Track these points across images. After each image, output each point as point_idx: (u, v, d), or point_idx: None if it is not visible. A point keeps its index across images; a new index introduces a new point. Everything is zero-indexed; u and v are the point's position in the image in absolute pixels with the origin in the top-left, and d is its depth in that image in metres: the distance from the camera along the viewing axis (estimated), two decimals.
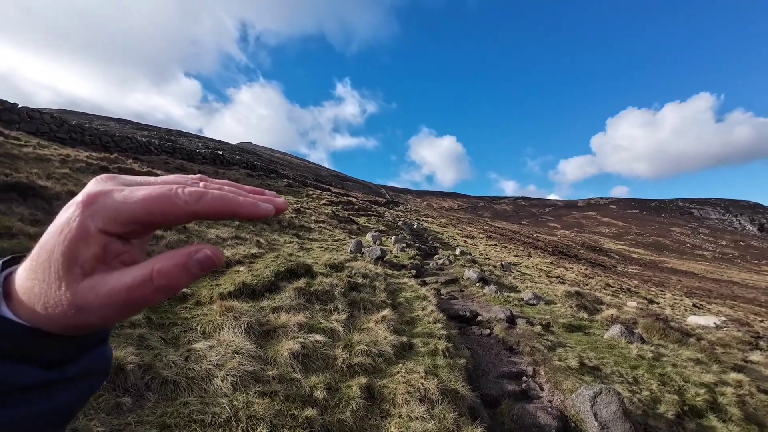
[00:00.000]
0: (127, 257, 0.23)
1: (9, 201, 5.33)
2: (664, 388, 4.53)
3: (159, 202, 0.22)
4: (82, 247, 0.21)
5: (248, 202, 0.25)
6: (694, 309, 16.77)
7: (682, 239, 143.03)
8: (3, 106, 14.97)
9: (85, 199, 0.22)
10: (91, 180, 0.24)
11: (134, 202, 0.22)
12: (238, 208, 0.24)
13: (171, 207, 0.22)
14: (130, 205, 0.22)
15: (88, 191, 0.22)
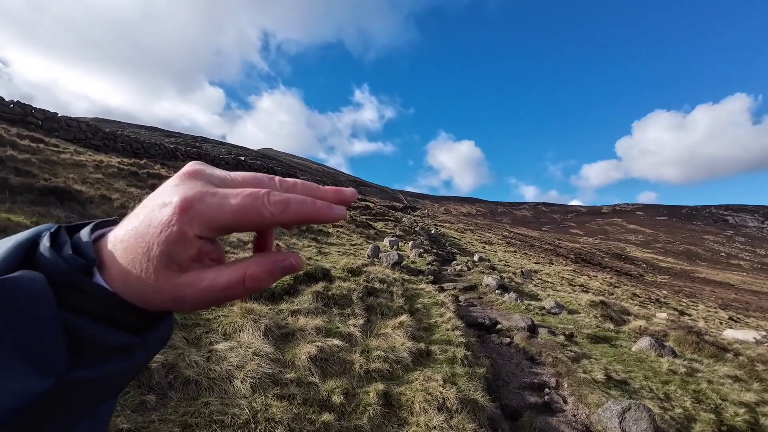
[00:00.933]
0: (214, 255, 0.26)
1: (48, 204, 5.66)
2: (699, 406, 4.26)
3: (249, 213, 0.24)
4: (181, 249, 0.24)
5: (325, 206, 0.27)
6: (731, 322, 15.79)
7: (715, 248, 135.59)
8: (45, 115, 15.98)
9: (183, 203, 0.24)
10: (184, 170, 0.27)
11: (226, 213, 0.24)
12: (317, 215, 0.27)
13: (258, 218, 0.25)
14: (223, 215, 0.24)
15: (184, 195, 0.24)
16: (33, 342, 0.21)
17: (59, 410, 0.23)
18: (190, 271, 0.25)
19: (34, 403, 0.21)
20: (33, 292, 0.22)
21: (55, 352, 0.22)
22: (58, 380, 0.21)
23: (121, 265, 0.24)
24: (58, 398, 0.22)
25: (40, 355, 0.21)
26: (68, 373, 0.22)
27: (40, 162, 8.35)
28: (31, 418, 0.21)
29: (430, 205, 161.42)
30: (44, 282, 0.22)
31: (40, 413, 0.21)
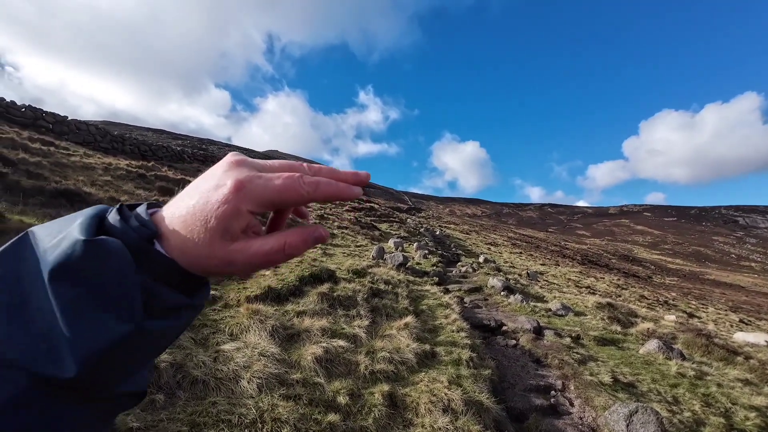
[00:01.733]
0: (257, 228, 0.32)
1: (58, 206, 5.76)
2: (709, 409, 4.20)
3: (289, 191, 0.30)
4: (234, 222, 0.29)
5: (345, 187, 0.34)
6: (741, 325, 15.52)
7: (725, 249, 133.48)
8: (55, 119, 16.26)
9: (237, 184, 0.29)
10: (229, 160, 0.32)
11: (271, 192, 0.30)
12: (340, 193, 0.33)
13: (297, 195, 0.30)
14: (268, 193, 0.30)
15: (237, 177, 0.29)
16: (120, 294, 0.25)
17: (131, 354, 0.27)
18: (239, 240, 0.29)
19: (117, 343, 0.25)
20: (118, 253, 0.26)
21: (134, 304, 0.26)
22: (135, 327, 0.26)
23: (180, 235, 0.29)
24: (132, 343, 0.26)
25: (123, 306, 0.25)
26: (142, 323, 0.26)
27: (50, 165, 8.50)
28: (113, 356, 0.25)
29: (435, 206, 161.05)
30: (124, 246, 0.27)
31: (119, 354, 0.26)
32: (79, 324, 0.24)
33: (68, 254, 0.25)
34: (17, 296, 0.25)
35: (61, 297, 0.24)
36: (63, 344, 0.24)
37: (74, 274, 0.25)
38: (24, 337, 0.24)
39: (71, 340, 0.24)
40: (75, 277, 0.25)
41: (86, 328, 0.24)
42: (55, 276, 0.25)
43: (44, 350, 0.24)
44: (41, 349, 0.24)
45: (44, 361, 0.24)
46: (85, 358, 0.24)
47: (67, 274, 0.25)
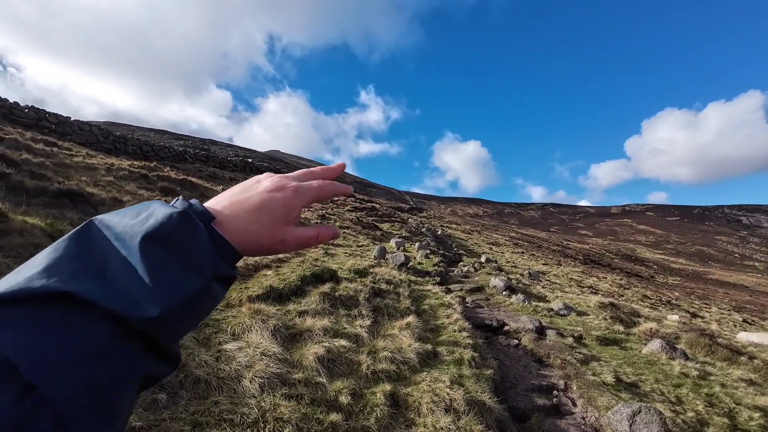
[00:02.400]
0: (299, 219, 0.43)
1: (61, 207, 5.78)
2: (712, 409, 4.18)
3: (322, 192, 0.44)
4: (291, 214, 0.41)
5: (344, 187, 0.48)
6: (745, 325, 15.43)
7: (729, 249, 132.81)
8: (58, 119, 16.33)
9: (295, 187, 0.42)
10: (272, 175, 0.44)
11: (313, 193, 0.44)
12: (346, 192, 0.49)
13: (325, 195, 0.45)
14: (312, 194, 0.43)
15: (294, 185, 0.42)
16: (199, 258, 0.32)
17: (196, 310, 0.32)
18: (291, 226, 0.41)
19: (194, 295, 0.31)
20: (200, 226, 0.34)
21: (208, 267, 0.33)
22: (207, 283, 0.32)
23: (243, 220, 0.38)
24: (200, 299, 0.32)
25: (201, 267, 0.32)
26: (210, 282, 0.33)
27: (53, 165, 8.54)
28: (187, 307, 0.30)
29: (437, 206, 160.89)
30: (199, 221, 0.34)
31: (191, 306, 0.31)
32: (165, 278, 0.29)
33: (163, 223, 0.31)
34: (93, 266, 0.29)
35: (151, 257, 0.30)
36: (145, 295, 0.28)
37: (165, 239, 0.31)
38: (110, 290, 0.28)
39: (155, 291, 0.29)
40: (166, 241, 0.31)
41: (171, 282, 0.30)
42: (149, 240, 0.30)
43: (128, 300, 0.28)
44: (125, 299, 0.28)
45: (129, 307, 0.27)
46: (168, 303, 0.29)
47: (159, 239, 0.31)
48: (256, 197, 0.40)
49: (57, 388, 0.23)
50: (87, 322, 0.26)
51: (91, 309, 0.26)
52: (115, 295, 0.27)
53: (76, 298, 0.26)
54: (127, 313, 0.27)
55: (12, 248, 3.81)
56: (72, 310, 0.26)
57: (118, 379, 0.27)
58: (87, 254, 0.29)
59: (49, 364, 0.23)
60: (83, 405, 0.24)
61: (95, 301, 0.26)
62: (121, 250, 0.30)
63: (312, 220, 13.28)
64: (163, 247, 0.30)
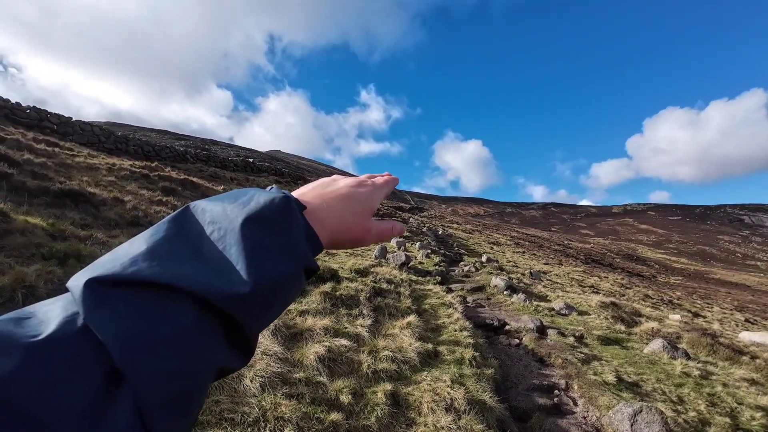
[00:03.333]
0: None
1: (63, 207, 5.80)
2: (714, 409, 4.17)
3: (389, 187, 0.51)
4: (374, 206, 0.46)
5: (395, 179, 0.54)
6: (747, 324, 15.39)
7: (731, 248, 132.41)
8: (59, 120, 16.38)
9: (375, 184, 0.48)
10: (353, 177, 0.49)
11: (388, 186, 0.50)
12: (396, 183, 0.53)
13: (390, 190, 0.50)
14: (387, 187, 0.50)
15: (371, 181, 0.49)
16: (295, 244, 0.33)
17: (283, 296, 0.32)
18: (372, 219, 0.45)
19: (284, 279, 0.31)
20: (298, 213, 0.35)
21: (301, 254, 0.34)
22: (297, 270, 0.33)
23: (335, 210, 0.41)
24: (289, 285, 0.32)
25: (295, 253, 0.33)
26: (301, 270, 0.33)
27: (55, 165, 8.56)
28: (275, 291, 0.31)
29: (438, 205, 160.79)
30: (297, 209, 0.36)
31: (279, 290, 0.31)
32: (260, 259, 0.30)
33: (266, 206, 0.33)
34: (189, 248, 0.30)
35: (250, 238, 0.30)
36: (238, 273, 0.28)
37: (266, 223, 0.32)
38: (201, 271, 0.28)
39: (249, 269, 0.29)
40: (266, 224, 0.32)
41: (266, 263, 0.30)
42: (250, 221, 0.31)
43: (220, 279, 0.28)
44: (218, 278, 0.28)
45: (221, 284, 0.27)
46: (260, 281, 0.29)
47: (259, 221, 0.32)
48: (344, 189, 0.44)
49: (141, 373, 0.23)
50: (176, 307, 0.26)
51: (181, 294, 0.26)
52: (208, 276, 0.28)
53: (169, 285, 0.26)
54: (218, 290, 0.27)
55: (14, 248, 3.82)
56: (164, 295, 0.26)
57: (199, 369, 0.27)
58: (183, 236, 0.30)
59: (136, 349, 0.23)
60: (164, 395, 0.24)
61: (185, 287, 0.26)
62: (216, 232, 0.31)
63: None
64: (263, 229, 0.31)
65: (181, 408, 0.25)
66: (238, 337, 0.30)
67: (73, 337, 0.23)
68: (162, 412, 0.24)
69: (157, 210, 7.45)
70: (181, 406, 0.25)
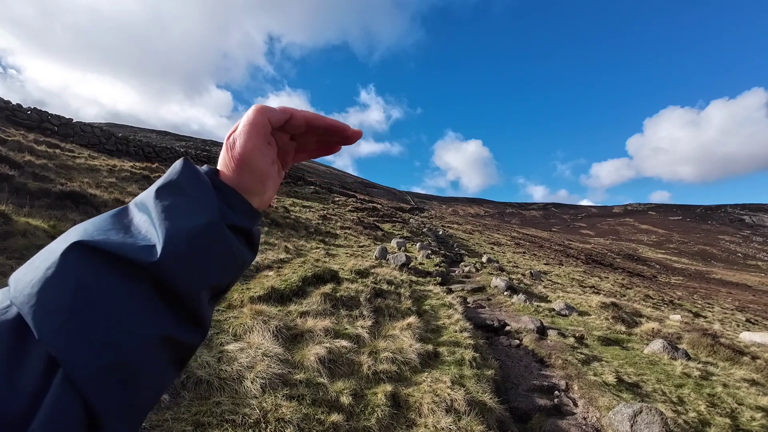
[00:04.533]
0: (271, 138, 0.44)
1: (64, 208, 5.81)
2: (714, 409, 4.17)
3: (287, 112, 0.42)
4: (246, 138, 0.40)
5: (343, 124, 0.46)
6: (748, 324, 15.36)
7: (732, 248, 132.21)
8: (60, 121, 16.40)
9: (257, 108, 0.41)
10: None
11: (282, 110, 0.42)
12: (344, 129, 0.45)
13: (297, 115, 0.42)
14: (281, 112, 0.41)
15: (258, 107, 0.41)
16: (204, 199, 0.35)
17: (208, 248, 0.33)
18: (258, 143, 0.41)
19: (199, 230, 0.33)
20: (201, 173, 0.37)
21: (214, 206, 0.35)
22: (210, 220, 0.34)
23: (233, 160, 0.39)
24: (207, 235, 0.33)
25: (207, 207, 0.34)
26: (216, 220, 0.34)
27: (56, 167, 8.58)
28: (196, 244, 0.32)
29: (438, 206, 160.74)
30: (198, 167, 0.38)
31: (201, 242, 0.33)
32: (170, 218, 0.32)
33: (171, 174, 0.35)
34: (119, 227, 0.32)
35: (162, 204, 0.33)
36: (155, 236, 0.31)
37: (173, 186, 0.35)
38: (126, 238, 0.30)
39: (162, 230, 0.31)
40: (173, 187, 0.35)
41: (175, 220, 0.32)
42: (161, 189, 0.34)
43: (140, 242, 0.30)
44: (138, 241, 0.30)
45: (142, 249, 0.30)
46: (173, 237, 0.31)
47: (168, 187, 0.34)
48: (228, 141, 0.40)
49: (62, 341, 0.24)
50: (104, 272, 0.27)
51: (107, 258, 0.28)
52: (131, 240, 0.30)
53: (95, 248, 0.28)
54: (138, 252, 0.29)
55: (16, 249, 3.83)
56: (91, 260, 0.27)
57: (131, 336, 0.26)
58: (115, 222, 0.33)
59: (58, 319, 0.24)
60: (93, 367, 0.24)
61: (107, 248, 0.28)
62: (142, 212, 0.34)
63: (313, 220, 13.30)
64: (171, 193, 0.34)
65: (121, 379, 0.25)
66: (174, 299, 0.30)
67: (4, 329, 0.24)
68: (97, 385, 0.24)
69: None
70: (120, 376, 0.25)
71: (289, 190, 22.99)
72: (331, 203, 21.94)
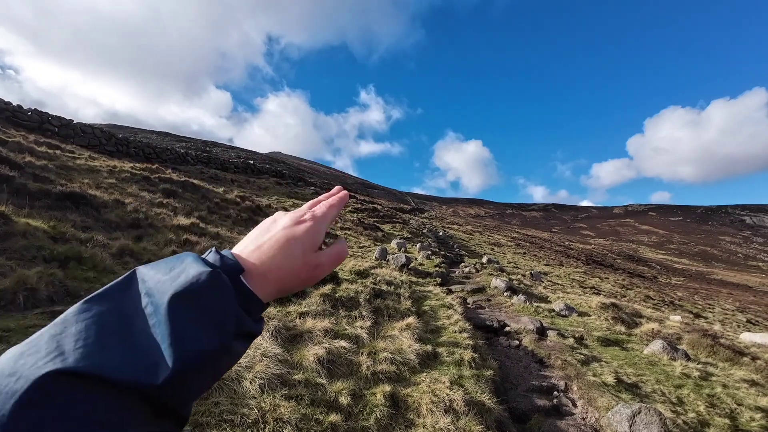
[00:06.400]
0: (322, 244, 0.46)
1: (64, 209, 5.83)
2: (713, 410, 4.17)
3: (338, 207, 0.49)
4: (318, 239, 0.44)
5: (344, 195, 0.52)
6: (749, 325, 15.36)
7: (732, 249, 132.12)
8: (60, 122, 16.43)
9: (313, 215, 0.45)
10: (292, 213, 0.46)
11: (332, 210, 0.48)
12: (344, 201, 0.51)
13: (340, 207, 0.49)
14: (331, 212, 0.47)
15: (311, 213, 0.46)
16: (223, 318, 0.32)
17: (212, 369, 0.31)
18: (318, 251, 0.43)
19: (210, 353, 0.30)
20: (227, 285, 0.34)
21: (230, 327, 0.32)
22: (223, 343, 0.31)
23: (275, 260, 0.39)
24: (217, 358, 0.31)
25: (223, 327, 0.32)
26: (231, 342, 0.32)
27: (56, 168, 8.60)
28: (202, 366, 0.30)
29: (438, 207, 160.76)
30: (227, 279, 0.34)
31: (206, 365, 0.30)
32: (182, 338, 0.29)
33: (193, 282, 0.32)
34: (121, 326, 0.29)
35: (174, 317, 0.30)
36: (161, 356, 0.28)
37: (192, 298, 0.31)
38: (127, 356, 0.28)
39: (171, 350, 0.28)
40: (192, 300, 0.31)
41: (187, 341, 0.29)
42: (177, 298, 0.31)
43: (144, 365, 0.28)
44: (142, 364, 0.28)
45: (143, 372, 0.27)
46: (181, 362, 0.28)
47: (186, 298, 0.31)
48: (280, 233, 0.41)
49: None
50: (96, 394, 0.26)
51: (101, 381, 0.26)
52: (131, 362, 0.27)
53: (91, 375, 0.26)
54: (139, 379, 0.27)
55: (16, 250, 3.84)
56: (84, 384, 0.26)
57: None
58: (118, 312, 0.30)
59: None
60: None
61: (104, 375, 0.26)
62: (149, 306, 0.31)
63: None
64: (189, 306, 0.31)
65: None
66: (167, 413, 0.29)
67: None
68: None
69: (158, 212, 7.48)
70: None
71: (289, 191, 23.01)
72: None
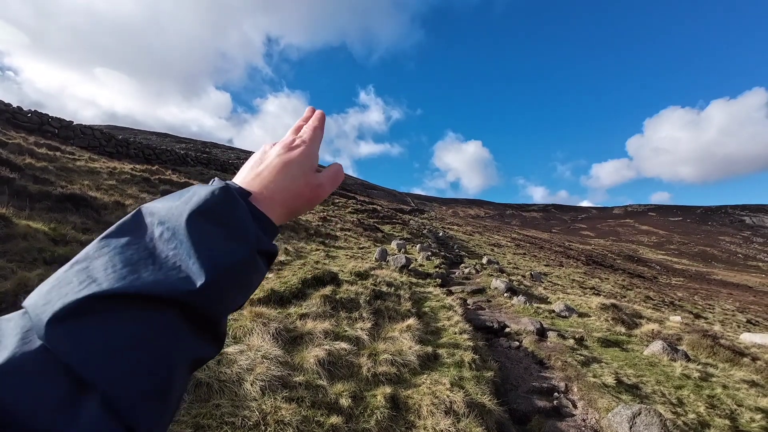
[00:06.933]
0: None
1: (64, 211, 5.83)
2: (713, 411, 4.17)
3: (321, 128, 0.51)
4: (314, 161, 0.46)
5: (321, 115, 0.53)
6: (749, 326, 15.36)
7: (732, 249, 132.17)
8: (60, 124, 16.44)
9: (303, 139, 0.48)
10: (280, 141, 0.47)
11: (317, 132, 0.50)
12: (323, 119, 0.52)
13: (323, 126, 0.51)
14: (317, 134, 0.49)
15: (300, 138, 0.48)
16: (243, 231, 0.34)
17: (242, 280, 0.33)
18: (316, 173, 0.46)
19: (239, 263, 0.32)
20: (241, 201, 0.36)
21: (252, 238, 0.34)
22: (249, 252, 0.33)
23: (278, 184, 0.42)
24: (245, 267, 0.33)
25: (245, 239, 0.34)
26: (254, 250, 0.34)
27: (56, 169, 8.60)
28: (233, 276, 0.32)
29: (438, 207, 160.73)
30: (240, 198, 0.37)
31: (236, 275, 0.32)
32: (211, 248, 0.31)
33: (207, 199, 0.34)
34: (143, 252, 0.30)
35: (197, 231, 0.32)
36: (192, 267, 0.30)
37: (209, 213, 0.33)
38: (158, 273, 0.29)
39: (201, 261, 0.30)
40: (210, 215, 0.33)
41: (216, 251, 0.31)
42: (195, 215, 0.32)
43: (177, 277, 0.29)
44: (175, 276, 0.29)
45: (178, 282, 0.29)
46: (214, 270, 0.30)
47: (203, 214, 0.33)
48: (276, 160, 0.43)
49: (105, 382, 0.24)
50: (138, 313, 0.27)
51: (140, 298, 0.27)
52: (165, 276, 0.29)
53: (127, 294, 0.27)
54: (176, 288, 0.28)
55: (16, 252, 3.85)
56: (124, 305, 0.27)
57: (167, 364, 0.27)
58: (136, 243, 0.31)
59: (98, 357, 0.25)
60: (134, 395, 0.25)
61: (145, 291, 0.27)
62: (166, 232, 0.32)
63: (313, 222, 13.32)
64: (208, 221, 0.32)
65: (155, 400, 0.27)
66: (205, 326, 0.31)
67: (31, 357, 0.24)
68: (137, 409, 0.25)
69: None
70: (156, 399, 0.27)
71: None
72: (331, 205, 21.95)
